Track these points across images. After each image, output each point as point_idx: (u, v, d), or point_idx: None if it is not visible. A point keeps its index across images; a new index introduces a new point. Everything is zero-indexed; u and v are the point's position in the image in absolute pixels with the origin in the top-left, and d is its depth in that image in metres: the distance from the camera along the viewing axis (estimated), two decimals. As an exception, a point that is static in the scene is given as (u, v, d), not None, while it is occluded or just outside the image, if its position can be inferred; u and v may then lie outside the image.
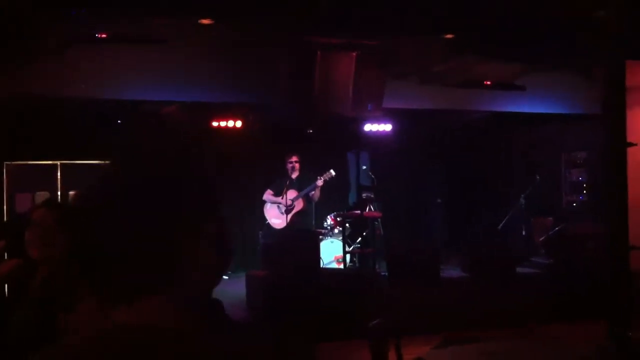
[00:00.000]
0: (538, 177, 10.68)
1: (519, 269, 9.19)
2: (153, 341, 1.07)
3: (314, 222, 10.07)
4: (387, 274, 8.71)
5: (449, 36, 7.83)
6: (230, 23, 6.75)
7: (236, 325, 1.22)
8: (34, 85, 7.88)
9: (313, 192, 9.61)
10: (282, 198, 9.60)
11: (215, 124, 10.25)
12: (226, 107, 9.80)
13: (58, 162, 10.09)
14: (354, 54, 8.01)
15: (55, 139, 9.66)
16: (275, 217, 9.82)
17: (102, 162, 10.07)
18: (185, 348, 1.08)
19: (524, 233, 10.78)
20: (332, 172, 9.55)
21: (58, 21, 6.14)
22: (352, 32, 7.65)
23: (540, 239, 10.43)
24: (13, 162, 9.94)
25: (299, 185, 9.71)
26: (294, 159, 9.72)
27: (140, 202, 1.12)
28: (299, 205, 9.72)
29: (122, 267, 1.10)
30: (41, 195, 9.35)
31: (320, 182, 9.49)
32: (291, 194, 9.67)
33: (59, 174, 10.04)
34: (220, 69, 8.43)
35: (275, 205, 9.82)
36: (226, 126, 10.28)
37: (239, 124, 10.30)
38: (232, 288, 9.38)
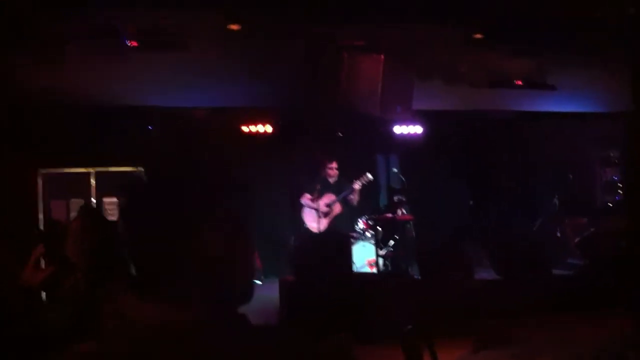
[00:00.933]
0: (571, 177, 10.54)
1: (554, 271, 9.06)
2: (177, 338, 1.07)
3: (351, 226, 10.03)
4: (419, 276, 8.64)
5: (478, 36, 7.77)
6: (257, 28, 6.77)
7: (261, 330, 1.22)
8: (67, 93, 8.00)
9: (352, 196, 9.60)
10: (318, 202, 9.58)
11: (245, 129, 10.30)
12: (255, 111, 9.84)
13: (92, 170, 10.23)
14: (382, 55, 7.98)
15: (89, 147, 9.79)
16: (313, 221, 9.81)
17: (135, 168, 10.16)
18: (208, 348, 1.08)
19: (558, 234, 10.64)
20: (369, 175, 9.53)
21: (89, 29, 6.22)
22: (379, 32, 7.63)
23: (575, 240, 10.28)
24: (48, 170, 10.10)
25: (335, 189, 9.70)
26: (334, 165, 9.70)
27: (171, 207, 1.12)
28: (336, 209, 9.71)
29: (156, 268, 1.11)
30: (75, 203, 9.48)
31: (357, 186, 9.49)
32: (328, 197, 9.67)
33: (93, 181, 10.17)
34: (247, 74, 8.47)
35: (312, 210, 9.81)
36: (257, 131, 10.33)
37: (269, 128, 10.34)
38: (265, 293, 9.41)
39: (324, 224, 9.62)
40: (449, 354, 4.38)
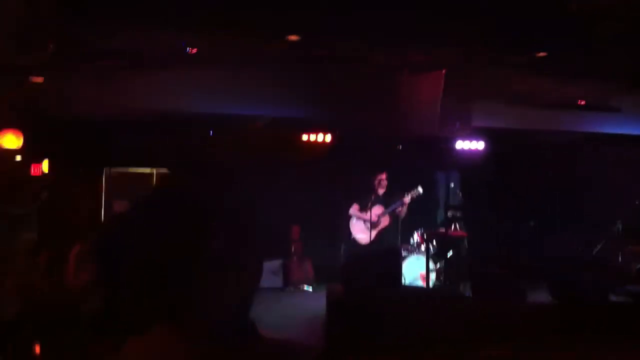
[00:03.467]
0: (637, 202, 10.23)
1: (613, 298, 8.79)
2: None
3: (399, 239, 10.02)
4: (470, 294, 8.54)
5: (541, 54, 7.65)
6: (317, 39, 6.85)
7: (271, 345, 1.24)
8: (132, 99, 8.26)
9: (400, 209, 9.58)
10: (367, 213, 9.62)
11: (305, 137, 10.41)
12: (315, 124, 9.94)
13: (154, 170, 10.50)
14: (443, 71, 7.95)
15: (152, 149, 10.05)
16: (361, 232, 9.84)
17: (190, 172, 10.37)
18: None
19: (620, 260, 10.32)
20: (420, 189, 9.50)
21: (153, 37, 6.42)
22: (440, 49, 7.60)
23: (638, 267, 9.97)
24: (113, 169, 10.43)
25: (385, 201, 9.70)
26: (383, 176, 9.72)
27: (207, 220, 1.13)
28: (385, 221, 9.70)
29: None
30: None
31: (406, 199, 9.46)
32: (377, 209, 9.67)
33: (154, 181, 10.44)
34: (309, 84, 8.57)
35: (361, 221, 9.84)
36: (315, 140, 10.42)
37: (328, 138, 10.42)
38: (315, 301, 9.47)
39: (371, 235, 9.64)
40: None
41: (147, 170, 10.55)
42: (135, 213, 1.32)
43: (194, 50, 6.53)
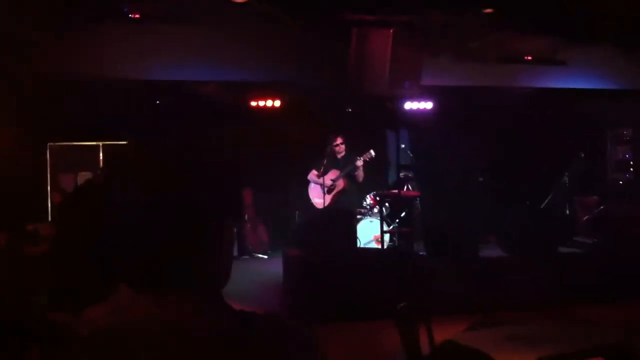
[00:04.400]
0: (582, 155, 10.43)
1: (561, 249, 9.00)
2: (172, 337, 1.05)
3: (357, 202, 10.02)
4: (425, 253, 8.63)
5: (488, 10, 7.66)
6: (264, 0, 6.71)
7: (246, 317, 1.19)
8: (75, 66, 7.99)
9: (356, 173, 9.56)
10: (325, 178, 9.59)
11: (254, 103, 10.26)
12: (263, 86, 9.80)
13: (100, 143, 10.26)
14: (391, 30, 7.89)
15: (96, 120, 9.80)
16: (318, 197, 9.82)
17: (140, 142, 10.17)
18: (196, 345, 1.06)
19: (567, 212, 10.55)
20: (372, 152, 9.49)
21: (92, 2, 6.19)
22: (388, 7, 7.53)
23: (584, 218, 10.21)
24: (56, 143, 10.14)
25: (341, 165, 9.68)
26: (339, 140, 9.68)
27: (168, 191, 1.09)
28: (340, 184, 9.70)
29: (145, 258, 1.08)
30: (83, 176, 9.53)
31: (359, 163, 9.45)
32: (333, 174, 9.66)
33: (101, 154, 10.21)
34: (255, 48, 8.42)
35: (318, 185, 9.82)
36: (265, 106, 10.29)
37: (277, 103, 10.30)
38: (270, 267, 9.46)
39: (328, 199, 9.63)
40: (448, 332, 4.38)
41: (92, 143, 10.29)
42: (101, 184, 1.32)
43: (137, 15, 6.31)
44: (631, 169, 10.38)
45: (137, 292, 1.10)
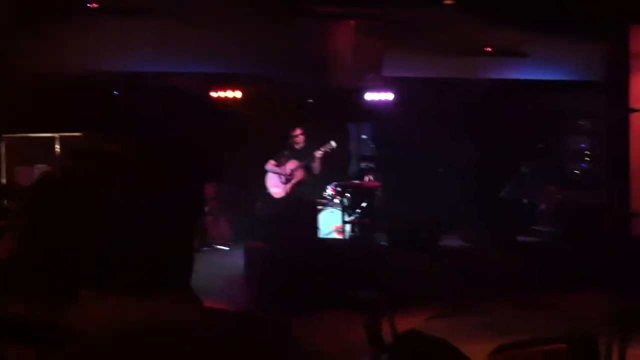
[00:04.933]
0: (541, 145, 10.58)
1: (521, 238, 9.13)
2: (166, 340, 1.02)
3: (314, 193, 10.03)
4: (386, 243, 8.67)
5: (449, 2, 7.70)
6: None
7: (215, 312, 1.16)
8: (31, 57, 7.82)
9: (313, 164, 9.57)
10: (283, 168, 9.59)
11: (214, 94, 10.17)
12: (224, 77, 9.72)
13: (57, 135, 10.06)
14: (353, 22, 7.89)
15: (53, 112, 9.61)
16: (275, 187, 9.82)
17: (99, 134, 10.01)
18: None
19: (526, 201, 10.70)
20: (333, 143, 9.50)
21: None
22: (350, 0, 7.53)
23: (542, 207, 10.37)
24: (12, 135, 9.91)
25: (300, 155, 9.67)
26: (298, 131, 9.68)
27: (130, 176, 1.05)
28: (298, 175, 9.70)
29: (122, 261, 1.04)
30: (39, 169, 9.33)
31: (319, 154, 9.45)
32: (292, 164, 9.65)
33: (57, 146, 10.02)
34: (219, 39, 8.34)
35: (276, 175, 9.81)
36: (226, 97, 10.20)
37: (238, 94, 10.22)
38: (232, 260, 9.39)
39: (286, 189, 9.63)
40: (411, 322, 4.40)
41: (48, 135, 10.08)
42: (62, 175, 1.29)
43: (95, 5, 6.19)
44: (588, 159, 10.56)
45: (108, 292, 1.06)
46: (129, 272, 1.06)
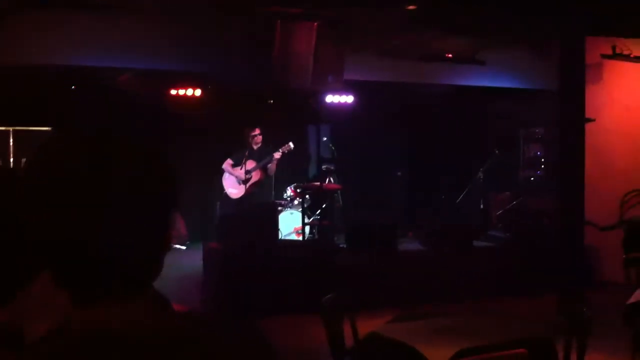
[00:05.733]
0: (497, 152, 10.75)
1: (475, 243, 9.26)
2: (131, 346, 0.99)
3: (273, 194, 10.02)
4: (345, 246, 8.70)
5: (411, 7, 7.76)
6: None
7: (184, 315, 1.14)
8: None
9: (270, 165, 9.54)
10: (241, 169, 9.54)
11: (173, 92, 10.06)
12: (185, 75, 9.62)
13: (10, 129, 9.84)
14: (315, 24, 7.88)
15: (8, 106, 9.39)
16: (232, 187, 9.76)
17: (55, 129, 9.86)
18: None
19: (481, 207, 10.86)
20: (291, 144, 9.49)
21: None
22: (315, 2, 7.53)
23: (497, 213, 10.53)
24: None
25: (258, 156, 9.64)
26: (257, 131, 9.63)
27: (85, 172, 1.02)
28: (256, 176, 9.66)
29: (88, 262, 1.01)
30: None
31: (277, 155, 9.44)
32: (250, 164, 9.61)
33: (11, 140, 9.80)
34: (178, 36, 8.26)
35: (232, 176, 9.76)
36: (185, 95, 10.11)
37: (198, 92, 10.14)
38: (189, 260, 9.31)
39: (242, 190, 9.59)
40: (371, 325, 4.42)
41: (2, 128, 9.86)
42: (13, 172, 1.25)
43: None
44: (542, 166, 10.75)
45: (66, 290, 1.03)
46: (97, 270, 1.04)
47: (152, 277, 1.11)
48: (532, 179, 10.80)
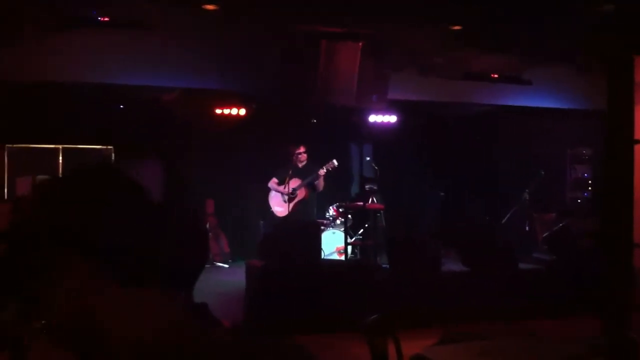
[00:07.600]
0: (542, 173, 10.60)
1: (521, 265, 9.11)
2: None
3: (316, 212, 10.03)
4: (388, 266, 8.65)
5: (456, 27, 7.75)
6: (235, 9, 6.67)
7: (221, 327, 1.16)
8: (37, 68, 7.83)
9: (317, 182, 9.56)
10: (285, 187, 9.57)
11: (218, 111, 10.18)
12: (229, 94, 9.73)
13: (60, 146, 10.07)
14: (360, 43, 7.92)
15: (58, 123, 9.63)
16: (278, 205, 9.79)
17: (104, 147, 10.07)
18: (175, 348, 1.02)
19: (527, 228, 10.70)
20: (335, 162, 9.50)
21: (58, 2, 6.07)
22: (357, 21, 7.57)
23: (543, 235, 10.36)
24: (14, 145, 9.91)
25: (303, 174, 9.66)
26: (301, 149, 9.67)
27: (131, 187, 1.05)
28: (301, 194, 9.68)
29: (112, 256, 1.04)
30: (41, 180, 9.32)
31: (322, 172, 9.45)
32: (294, 182, 9.64)
33: (60, 158, 10.02)
34: (223, 56, 8.37)
35: (278, 194, 9.79)
36: (230, 114, 10.21)
37: (242, 112, 10.23)
38: (231, 277, 9.37)
39: (287, 208, 9.62)
40: (415, 345, 4.37)
41: (51, 146, 10.09)
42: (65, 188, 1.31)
43: (105, 18, 6.21)
44: (589, 188, 10.57)
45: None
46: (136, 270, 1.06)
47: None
48: (579, 200, 10.61)
